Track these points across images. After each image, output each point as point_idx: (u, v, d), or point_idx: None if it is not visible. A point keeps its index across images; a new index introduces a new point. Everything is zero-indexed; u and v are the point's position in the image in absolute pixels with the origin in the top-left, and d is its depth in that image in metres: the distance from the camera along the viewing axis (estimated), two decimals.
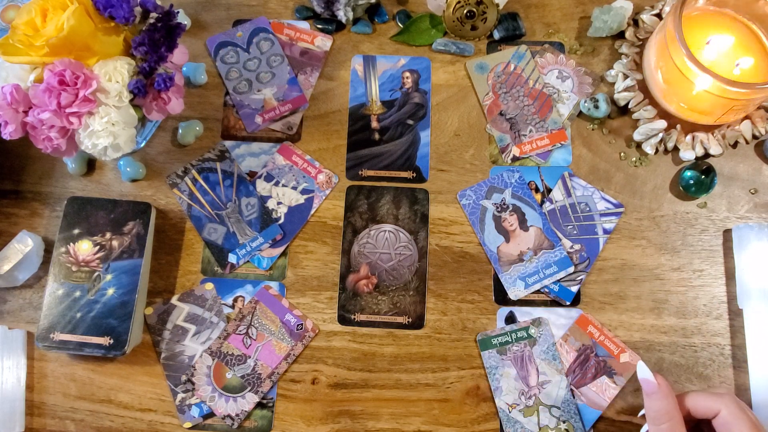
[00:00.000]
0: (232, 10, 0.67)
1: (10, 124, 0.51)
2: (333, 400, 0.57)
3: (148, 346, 0.58)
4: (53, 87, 0.50)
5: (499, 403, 0.56)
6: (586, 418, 0.55)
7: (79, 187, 0.62)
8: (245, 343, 0.57)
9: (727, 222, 0.60)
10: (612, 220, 0.60)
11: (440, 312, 0.58)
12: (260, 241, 0.60)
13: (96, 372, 0.58)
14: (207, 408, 0.56)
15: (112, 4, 0.51)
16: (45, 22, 0.50)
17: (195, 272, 0.60)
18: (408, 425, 0.56)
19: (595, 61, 0.65)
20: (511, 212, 0.60)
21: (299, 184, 0.62)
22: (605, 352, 0.56)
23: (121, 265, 0.56)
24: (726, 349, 0.57)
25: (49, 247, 0.60)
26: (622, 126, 0.63)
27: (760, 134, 0.61)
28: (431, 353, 0.57)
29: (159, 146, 0.63)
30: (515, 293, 0.58)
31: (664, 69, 0.59)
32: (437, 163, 0.62)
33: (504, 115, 0.63)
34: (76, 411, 0.57)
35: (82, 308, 0.55)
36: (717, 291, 0.58)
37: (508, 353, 0.57)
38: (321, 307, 0.59)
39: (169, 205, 0.62)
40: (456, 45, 0.65)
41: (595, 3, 0.66)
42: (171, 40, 0.53)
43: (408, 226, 0.60)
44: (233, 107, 0.64)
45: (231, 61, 0.65)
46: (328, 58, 0.66)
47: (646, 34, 0.64)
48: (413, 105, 0.64)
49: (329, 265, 0.60)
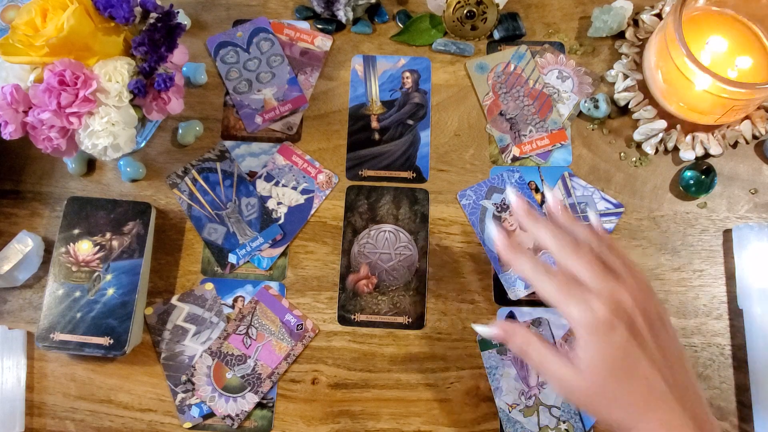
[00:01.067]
0: (232, 10, 0.67)
1: (10, 124, 0.51)
2: (333, 400, 0.57)
3: (148, 346, 0.58)
4: (53, 87, 0.50)
5: (499, 403, 0.56)
6: (586, 418, 0.55)
7: (79, 187, 0.62)
8: (245, 343, 0.57)
9: (727, 222, 0.60)
10: (612, 220, 0.60)
11: (440, 312, 0.58)
12: (260, 241, 0.60)
13: (96, 372, 0.58)
14: (207, 408, 0.56)
15: (112, 4, 0.51)
16: (45, 22, 0.50)
17: (195, 272, 0.60)
18: (408, 425, 0.56)
19: (595, 61, 0.65)
20: (511, 212, 0.60)
21: (299, 184, 0.62)
22: None
23: (121, 265, 0.56)
24: (726, 349, 0.57)
25: (49, 247, 0.60)
26: (622, 126, 0.63)
27: (760, 134, 0.61)
28: (431, 353, 0.57)
29: (159, 146, 0.63)
30: (515, 293, 0.58)
31: (664, 69, 0.59)
32: (437, 163, 0.62)
33: (504, 115, 0.63)
34: (76, 411, 0.57)
35: (82, 308, 0.55)
36: (717, 291, 0.58)
37: (508, 353, 0.57)
38: (321, 307, 0.59)
39: (169, 205, 0.62)
40: (456, 45, 0.65)
41: (595, 3, 0.66)
42: (171, 40, 0.53)
43: (408, 226, 0.60)
44: (233, 107, 0.64)
45: (231, 61, 0.65)
46: (328, 58, 0.66)
47: (646, 34, 0.64)
48: (413, 105, 0.64)
49: (329, 265, 0.60)
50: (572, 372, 0.43)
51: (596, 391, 0.43)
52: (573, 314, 0.43)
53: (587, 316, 0.42)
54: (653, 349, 0.43)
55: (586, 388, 0.43)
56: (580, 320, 0.42)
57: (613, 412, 0.42)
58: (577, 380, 0.43)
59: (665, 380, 0.42)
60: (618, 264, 0.45)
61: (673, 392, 0.42)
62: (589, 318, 0.42)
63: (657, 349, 0.43)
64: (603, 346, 0.42)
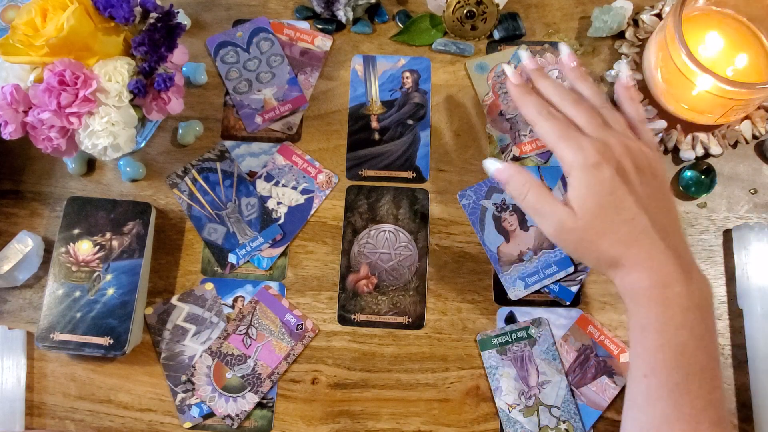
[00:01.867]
0: (232, 10, 0.67)
1: (10, 124, 0.51)
2: (333, 400, 0.57)
3: (148, 346, 0.58)
4: (53, 87, 0.50)
5: (499, 403, 0.56)
6: (586, 418, 0.55)
7: (79, 187, 0.62)
8: (245, 343, 0.57)
9: (727, 222, 0.60)
10: None
11: (440, 312, 0.58)
12: (260, 241, 0.60)
13: (96, 372, 0.58)
14: (207, 408, 0.56)
15: (112, 4, 0.51)
16: (45, 22, 0.50)
17: (195, 272, 0.60)
18: (408, 425, 0.56)
19: (595, 61, 0.65)
20: (511, 212, 0.60)
21: (299, 184, 0.62)
22: (605, 352, 0.56)
23: (121, 265, 0.56)
24: (726, 349, 0.57)
25: (49, 247, 0.60)
26: None
27: (760, 134, 0.61)
28: (431, 353, 0.57)
29: (159, 146, 0.63)
30: (515, 293, 0.58)
31: (664, 69, 0.59)
32: (437, 163, 0.62)
33: (504, 115, 0.63)
34: (76, 411, 0.57)
35: (82, 308, 0.55)
36: (717, 291, 0.58)
37: (508, 353, 0.57)
38: (321, 307, 0.59)
39: (169, 205, 0.62)
40: (456, 45, 0.65)
41: (595, 3, 0.66)
42: (171, 40, 0.53)
43: (408, 226, 0.60)
44: (233, 107, 0.64)
45: (231, 61, 0.65)
46: (328, 58, 0.66)
47: (646, 34, 0.64)
48: (413, 105, 0.64)
49: (329, 265, 0.60)
50: (565, 211, 0.47)
51: (585, 227, 0.46)
52: (566, 155, 0.47)
53: (578, 156, 0.47)
54: (639, 191, 0.46)
55: (577, 226, 0.46)
56: (571, 161, 0.47)
57: (601, 246, 0.46)
58: (569, 218, 0.46)
59: (650, 218, 0.46)
60: (617, 121, 0.50)
61: (656, 229, 0.45)
62: (579, 158, 0.46)
63: (643, 191, 0.46)
64: (591, 182, 0.46)
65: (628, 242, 0.45)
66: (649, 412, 0.44)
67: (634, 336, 0.46)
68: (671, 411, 0.43)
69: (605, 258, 0.46)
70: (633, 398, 0.45)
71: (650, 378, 0.44)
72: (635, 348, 0.46)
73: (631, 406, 0.46)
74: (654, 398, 0.43)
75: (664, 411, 0.43)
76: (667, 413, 0.43)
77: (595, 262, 0.48)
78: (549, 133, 0.49)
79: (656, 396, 0.43)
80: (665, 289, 0.44)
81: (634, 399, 0.45)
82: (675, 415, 0.43)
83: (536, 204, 0.48)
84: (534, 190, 0.48)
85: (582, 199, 0.46)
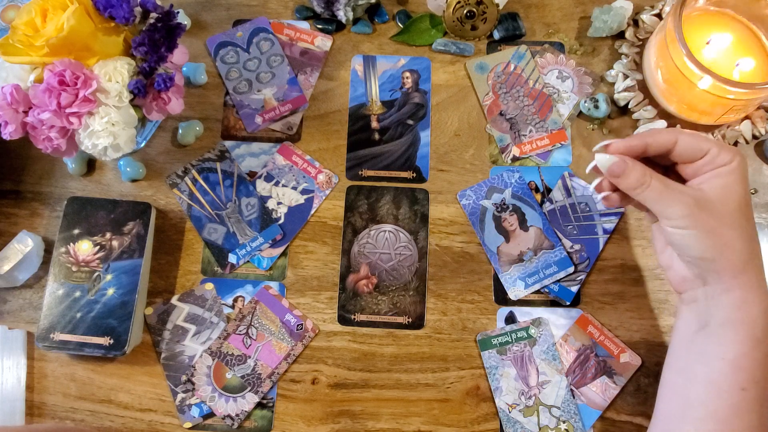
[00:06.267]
0: (232, 10, 0.67)
1: (10, 124, 0.51)
2: (333, 400, 0.57)
3: (148, 346, 0.58)
4: (53, 87, 0.50)
5: (499, 403, 0.56)
6: (586, 418, 0.55)
7: (79, 187, 0.62)
8: (245, 343, 0.57)
9: None
10: (612, 220, 0.60)
11: (440, 312, 0.58)
12: (260, 241, 0.60)
13: (96, 372, 0.58)
14: (207, 408, 0.56)
15: (112, 4, 0.51)
16: (45, 22, 0.50)
17: (195, 272, 0.60)
18: (408, 425, 0.56)
19: (595, 61, 0.65)
20: (511, 212, 0.60)
21: (299, 184, 0.62)
22: (605, 352, 0.56)
23: (121, 265, 0.56)
24: None
25: (49, 247, 0.60)
26: (622, 126, 0.63)
27: (760, 134, 0.61)
28: (431, 353, 0.57)
29: (159, 146, 0.63)
30: (515, 293, 0.58)
31: (664, 69, 0.59)
32: (437, 163, 0.62)
33: (504, 115, 0.63)
34: (76, 411, 0.57)
35: (82, 308, 0.55)
36: None
37: (508, 353, 0.57)
38: (321, 307, 0.59)
39: (169, 205, 0.62)
40: (456, 45, 0.65)
41: (595, 3, 0.66)
42: (171, 40, 0.53)
43: (408, 226, 0.60)
44: (233, 107, 0.64)
45: (231, 61, 0.65)
46: (328, 58, 0.66)
47: (646, 34, 0.64)
48: (413, 105, 0.64)
49: (329, 265, 0.60)
50: (696, 192, 0.46)
51: (723, 213, 0.45)
52: (712, 149, 0.46)
53: (727, 156, 0.46)
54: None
55: (714, 209, 0.45)
56: (724, 159, 0.46)
57: (736, 244, 0.45)
58: (703, 199, 0.45)
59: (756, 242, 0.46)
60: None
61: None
62: (730, 159, 0.46)
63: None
64: (738, 180, 0.46)
65: (750, 257, 0.45)
66: (734, 424, 0.44)
67: (738, 350, 0.44)
68: (757, 423, 0.43)
69: (734, 258, 0.45)
70: (714, 412, 0.44)
71: (749, 390, 0.44)
72: (739, 361, 0.44)
73: (707, 420, 0.45)
74: (744, 410, 0.44)
75: (750, 424, 0.43)
76: (753, 426, 0.43)
77: (717, 253, 0.45)
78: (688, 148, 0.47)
79: (747, 408, 0.44)
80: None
81: (715, 413, 0.44)
82: (760, 429, 0.44)
83: (658, 196, 0.46)
84: (655, 181, 0.46)
85: (728, 189, 0.45)
